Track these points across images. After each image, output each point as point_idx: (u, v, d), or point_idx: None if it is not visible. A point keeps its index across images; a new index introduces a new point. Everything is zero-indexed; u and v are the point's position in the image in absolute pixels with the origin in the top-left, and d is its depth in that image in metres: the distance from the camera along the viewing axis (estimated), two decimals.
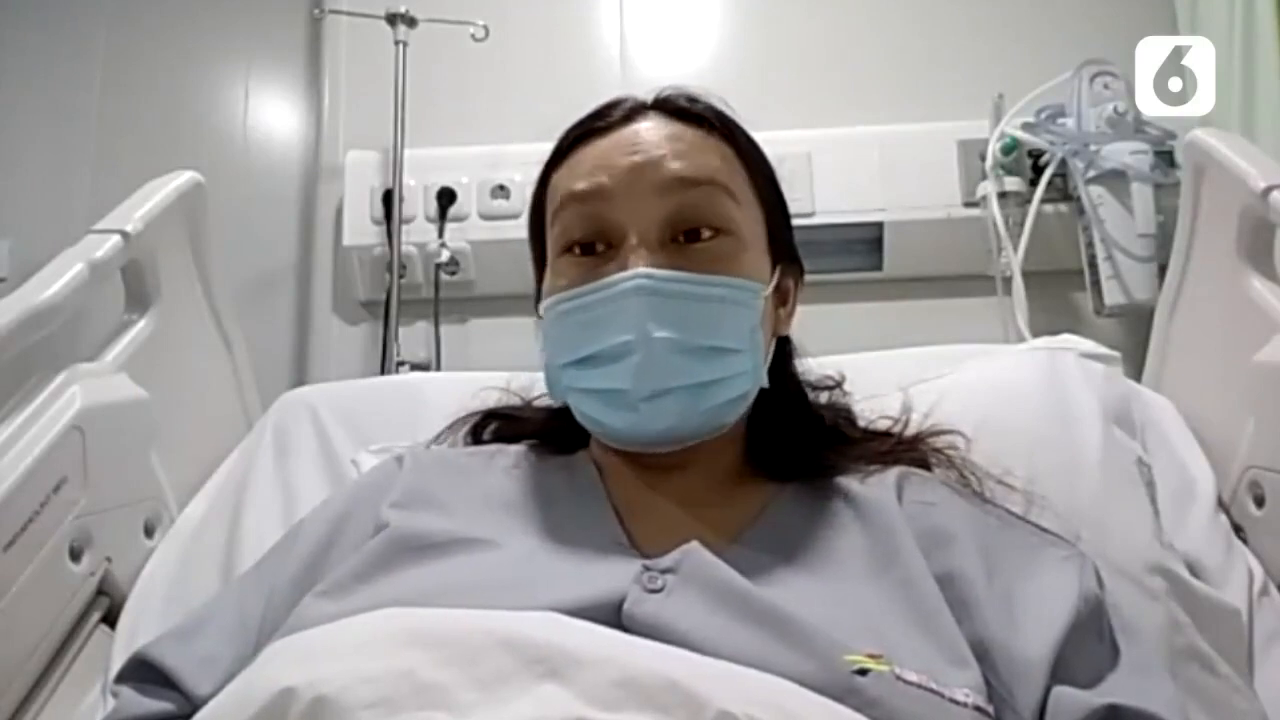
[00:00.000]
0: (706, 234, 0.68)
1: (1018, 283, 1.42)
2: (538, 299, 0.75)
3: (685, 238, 0.68)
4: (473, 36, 1.55)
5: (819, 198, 1.52)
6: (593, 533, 0.66)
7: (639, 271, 0.65)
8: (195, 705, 0.59)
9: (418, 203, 1.57)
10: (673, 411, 0.65)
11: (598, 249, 0.69)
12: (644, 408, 0.65)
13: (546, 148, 0.77)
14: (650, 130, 0.71)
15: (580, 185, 0.69)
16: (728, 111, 0.75)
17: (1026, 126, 1.46)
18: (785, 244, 0.76)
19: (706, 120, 0.72)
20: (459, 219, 1.57)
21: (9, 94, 1.78)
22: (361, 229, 1.60)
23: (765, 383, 0.70)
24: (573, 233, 0.70)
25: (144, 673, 0.65)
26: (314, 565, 0.69)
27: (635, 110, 0.73)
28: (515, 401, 0.90)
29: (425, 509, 0.69)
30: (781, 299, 0.76)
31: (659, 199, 0.67)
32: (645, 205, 0.67)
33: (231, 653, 0.65)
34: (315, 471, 1.05)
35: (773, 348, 0.74)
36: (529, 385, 0.90)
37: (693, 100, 0.74)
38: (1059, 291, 1.52)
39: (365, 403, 1.13)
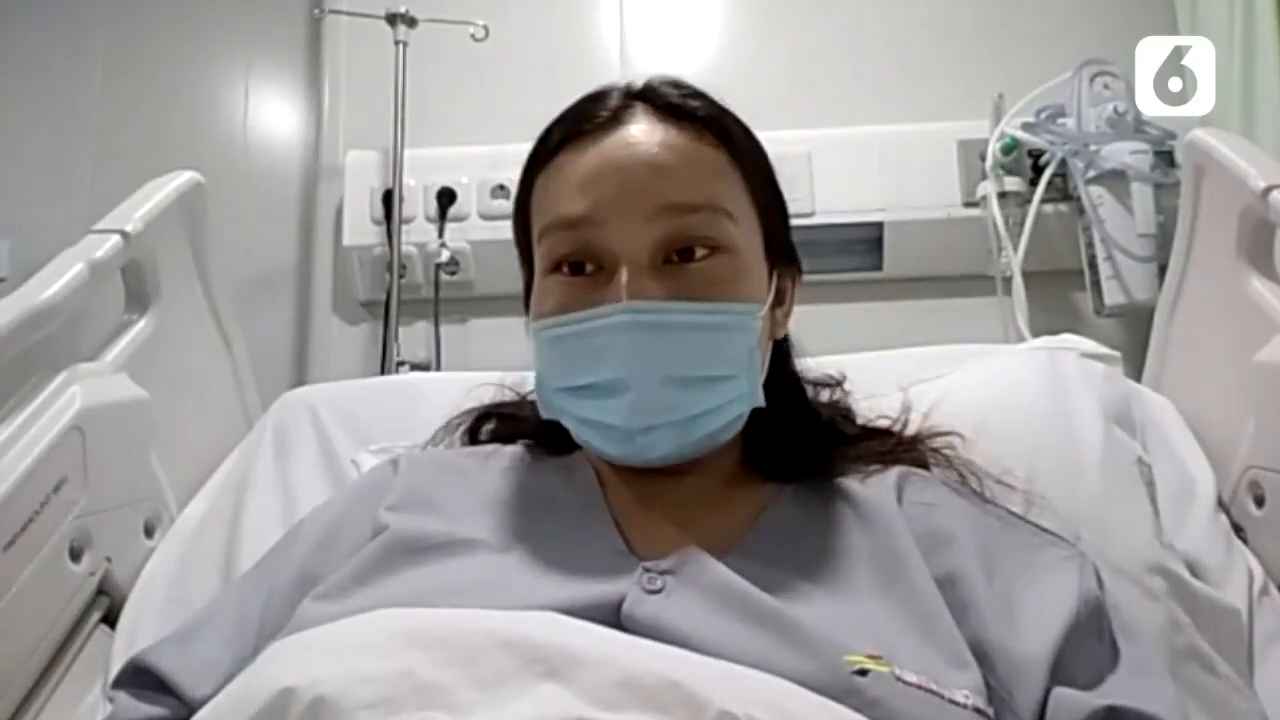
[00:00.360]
0: (701, 253, 0.65)
1: (1018, 283, 1.42)
2: (527, 296, 0.74)
3: (679, 257, 0.65)
4: (473, 36, 1.55)
5: (819, 198, 1.52)
6: (590, 536, 0.65)
7: (629, 305, 0.62)
8: (192, 710, 0.59)
9: (418, 203, 1.57)
10: (668, 441, 0.65)
11: (587, 269, 0.66)
12: (640, 439, 0.64)
13: None
14: (640, 136, 0.67)
15: (567, 209, 0.66)
16: (720, 102, 0.71)
17: (1026, 126, 1.45)
18: (782, 245, 0.74)
19: (699, 119, 0.69)
20: (459, 219, 1.57)
21: (9, 93, 1.78)
22: (361, 229, 1.60)
23: (761, 401, 0.68)
24: (561, 252, 0.67)
25: (141, 678, 0.64)
26: (312, 567, 0.69)
27: (623, 107, 0.69)
28: (510, 398, 0.89)
29: (422, 511, 0.69)
30: (778, 300, 0.74)
31: (649, 225, 0.64)
32: (636, 230, 0.64)
33: (229, 656, 0.65)
34: (315, 471, 1.05)
35: (769, 352, 0.73)
36: (521, 382, 0.89)
37: (684, 95, 0.70)
38: (1059, 291, 1.52)
39: (365, 403, 1.13)
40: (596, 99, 0.71)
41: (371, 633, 0.50)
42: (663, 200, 0.65)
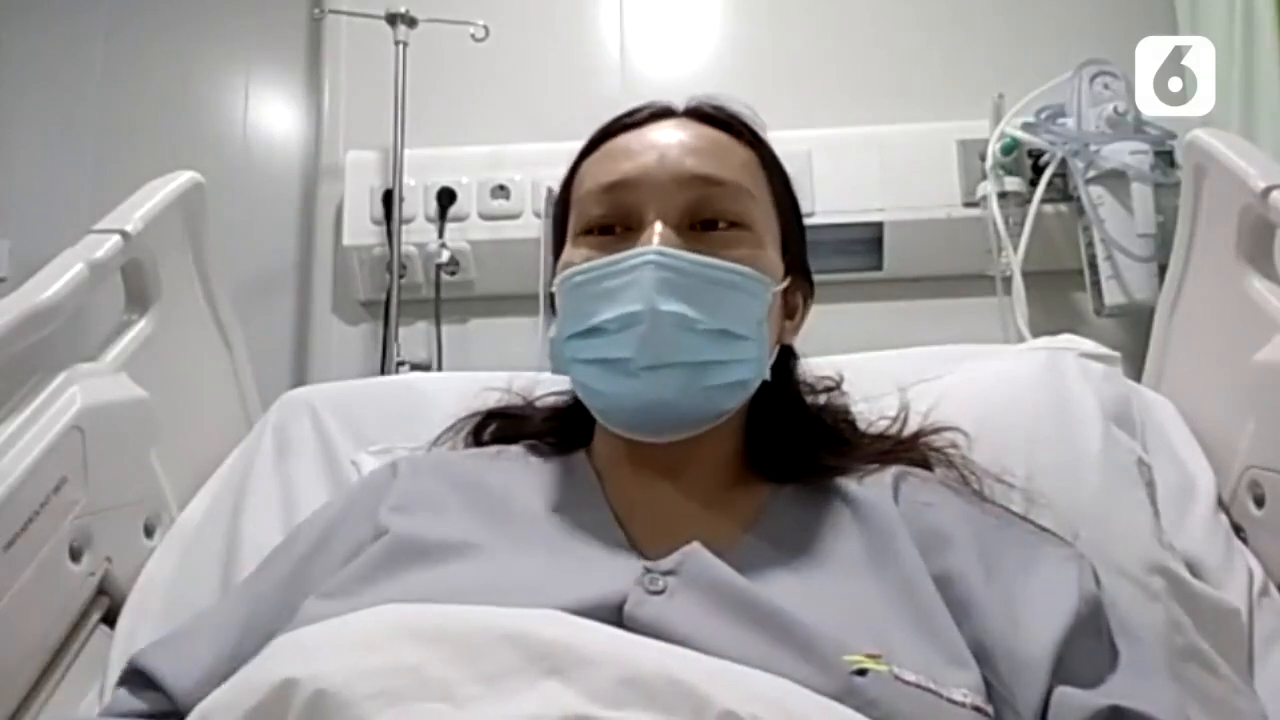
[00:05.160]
0: (723, 225, 0.69)
1: (1018, 283, 1.42)
2: (551, 297, 0.75)
3: (703, 226, 0.69)
4: (473, 36, 1.55)
5: (819, 198, 1.52)
6: (592, 535, 0.66)
7: (653, 248, 0.66)
8: (179, 702, 0.61)
9: (418, 203, 1.57)
10: (672, 384, 0.65)
11: (617, 230, 0.70)
12: (645, 376, 0.65)
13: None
14: (676, 129, 0.73)
15: (604, 177, 0.71)
16: (754, 122, 0.76)
17: (1026, 126, 1.46)
18: (799, 257, 0.77)
19: (732, 126, 0.74)
20: (459, 219, 1.57)
21: (9, 94, 1.78)
22: (361, 229, 1.60)
23: (767, 375, 0.70)
24: (593, 215, 0.71)
25: (134, 677, 0.65)
26: (303, 568, 0.70)
27: (663, 112, 0.75)
28: (517, 402, 0.89)
29: (424, 513, 0.69)
30: (789, 311, 0.77)
31: (680, 191, 0.69)
32: (666, 194, 0.69)
33: (212, 653, 0.65)
34: (315, 471, 1.05)
35: (776, 351, 0.74)
36: (530, 386, 0.90)
37: (719, 108, 0.75)
38: (1059, 291, 1.53)
39: (365, 403, 1.12)
40: (640, 106, 0.76)
41: (374, 627, 0.50)
42: (692, 171, 0.69)
